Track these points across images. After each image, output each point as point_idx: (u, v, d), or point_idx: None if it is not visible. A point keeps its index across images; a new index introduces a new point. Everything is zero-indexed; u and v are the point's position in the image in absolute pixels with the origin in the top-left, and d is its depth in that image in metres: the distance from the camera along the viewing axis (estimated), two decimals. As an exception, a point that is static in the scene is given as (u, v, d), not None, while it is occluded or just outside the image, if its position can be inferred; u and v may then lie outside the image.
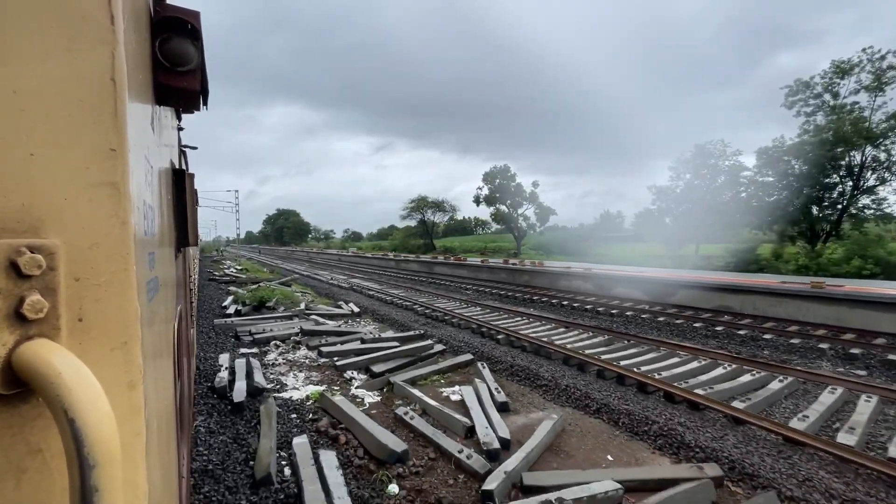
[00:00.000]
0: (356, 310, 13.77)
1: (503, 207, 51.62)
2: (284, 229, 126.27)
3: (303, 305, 14.15)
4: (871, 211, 27.21)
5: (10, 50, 0.54)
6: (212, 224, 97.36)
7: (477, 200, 52.93)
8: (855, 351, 8.28)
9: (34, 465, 0.56)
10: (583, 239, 57.10)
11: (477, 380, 6.75)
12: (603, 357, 7.70)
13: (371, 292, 17.48)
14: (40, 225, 0.56)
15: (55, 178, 0.57)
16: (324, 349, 8.12)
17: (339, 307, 14.44)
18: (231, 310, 12.77)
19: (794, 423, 5.10)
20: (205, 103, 1.55)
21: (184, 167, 3.32)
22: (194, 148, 4.64)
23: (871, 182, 27.13)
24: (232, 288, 17.54)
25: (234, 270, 25.94)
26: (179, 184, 1.83)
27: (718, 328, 10.53)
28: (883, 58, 25.80)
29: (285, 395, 6.40)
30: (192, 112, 1.75)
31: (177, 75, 1.15)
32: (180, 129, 3.22)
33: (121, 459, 0.50)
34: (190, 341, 3.78)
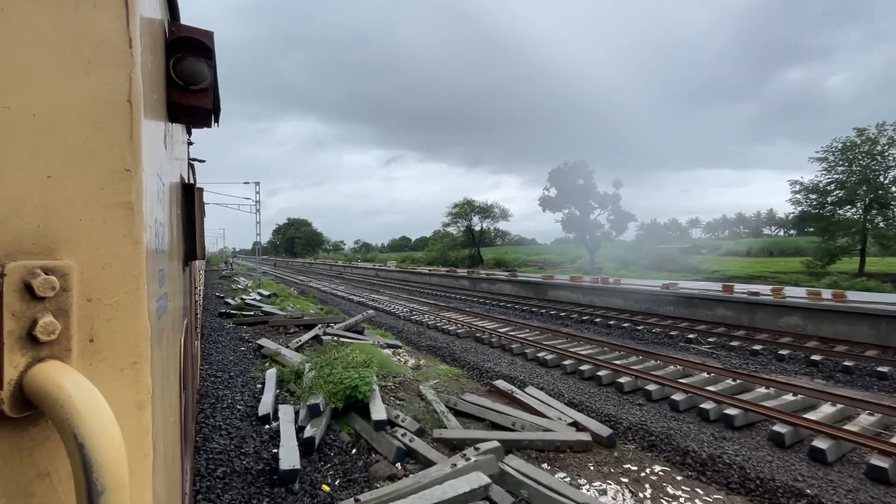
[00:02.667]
0: (600, 431, 5.58)
1: (576, 212, 43.15)
2: (296, 240, 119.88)
3: (429, 394, 6.16)
4: None
5: (30, 74, 0.55)
6: (219, 233, 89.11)
7: (543, 205, 44.61)
8: None
9: (41, 489, 0.55)
10: (657, 251, 48.36)
11: None
12: None
13: (542, 353, 9.19)
14: (55, 246, 0.56)
15: (71, 200, 0.58)
16: None
17: (517, 400, 6.36)
18: (286, 435, 4.77)
19: None
20: (216, 121, 1.57)
21: (192, 181, 3.37)
22: (202, 161, 4.92)
23: None
24: (268, 345, 8.99)
25: (258, 296, 17.82)
26: (188, 197, 1.88)
27: None
28: None
29: None
30: (203, 128, 1.73)
31: (190, 94, 1.17)
32: (190, 143, 3.31)
33: (128, 484, 0.50)
34: (195, 353, 3.86)
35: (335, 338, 9.12)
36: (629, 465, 4.91)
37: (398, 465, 4.64)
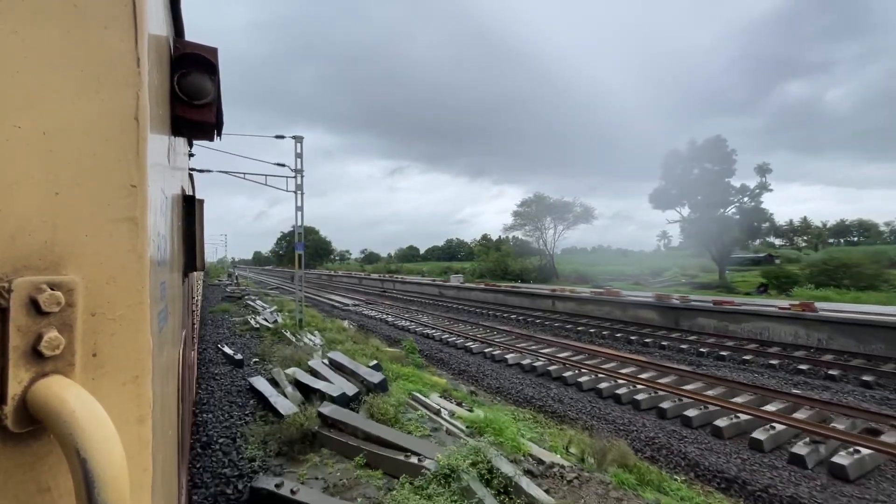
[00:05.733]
0: None
1: (694, 211, 32.44)
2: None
3: None
4: None
5: (41, 93, 0.56)
6: (220, 240, 77.63)
7: (654, 202, 34.16)
8: None
9: None
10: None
11: None
12: None
13: None
14: (61, 261, 0.56)
15: (78, 215, 0.59)
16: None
17: None
18: None
19: None
20: (219, 135, 1.59)
21: (192, 191, 3.38)
22: (201, 171, 6.65)
23: None
24: None
25: (332, 371, 7.26)
26: (189, 209, 1.88)
27: None
28: None
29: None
30: (206, 140, 1.78)
31: (193, 108, 1.18)
32: (191, 155, 3.29)
33: (129, 500, 0.49)
34: (190, 364, 3.83)
35: None
36: None
37: None
